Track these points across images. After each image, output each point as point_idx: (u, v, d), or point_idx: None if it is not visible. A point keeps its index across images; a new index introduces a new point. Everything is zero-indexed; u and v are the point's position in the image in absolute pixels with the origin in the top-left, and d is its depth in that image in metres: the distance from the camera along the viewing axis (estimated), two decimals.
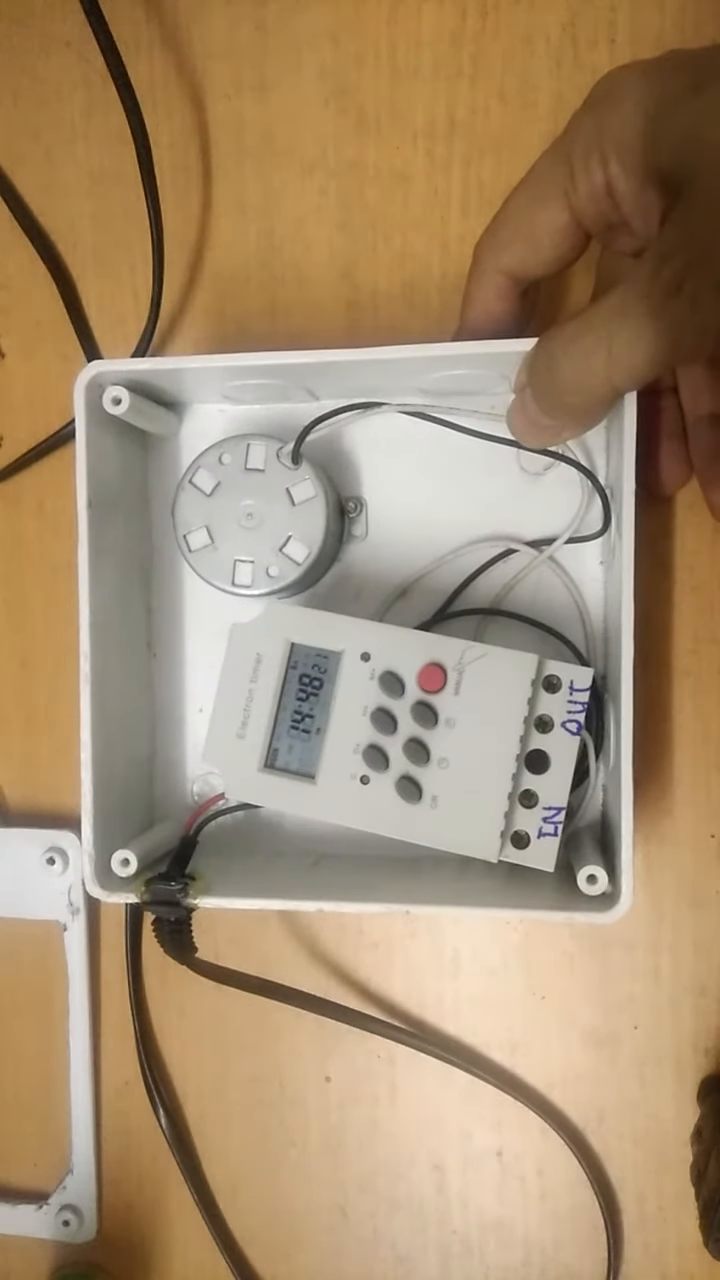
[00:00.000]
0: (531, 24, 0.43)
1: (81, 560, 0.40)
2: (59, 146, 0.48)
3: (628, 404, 0.37)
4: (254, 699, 0.40)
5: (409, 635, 0.39)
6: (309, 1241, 0.49)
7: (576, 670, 0.38)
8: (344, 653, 0.39)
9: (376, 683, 0.38)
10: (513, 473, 0.43)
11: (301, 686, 0.39)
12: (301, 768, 0.39)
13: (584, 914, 0.37)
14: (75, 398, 0.39)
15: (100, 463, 0.41)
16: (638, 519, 0.37)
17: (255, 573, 0.41)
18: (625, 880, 0.37)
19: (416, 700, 0.38)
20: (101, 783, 0.41)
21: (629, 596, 0.37)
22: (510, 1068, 0.46)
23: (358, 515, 0.44)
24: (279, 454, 0.41)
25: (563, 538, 0.42)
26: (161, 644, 0.46)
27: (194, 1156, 0.49)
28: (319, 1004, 0.43)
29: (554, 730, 0.38)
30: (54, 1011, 0.50)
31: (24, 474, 0.49)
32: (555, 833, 0.38)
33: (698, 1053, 0.44)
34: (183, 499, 0.42)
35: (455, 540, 0.43)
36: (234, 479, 0.41)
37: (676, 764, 0.44)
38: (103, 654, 0.41)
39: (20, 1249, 0.51)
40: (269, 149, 0.45)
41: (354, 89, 0.45)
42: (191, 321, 0.47)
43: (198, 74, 0.46)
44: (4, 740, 0.50)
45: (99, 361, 0.40)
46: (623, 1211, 0.45)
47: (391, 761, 0.38)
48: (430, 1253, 0.47)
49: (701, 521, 0.43)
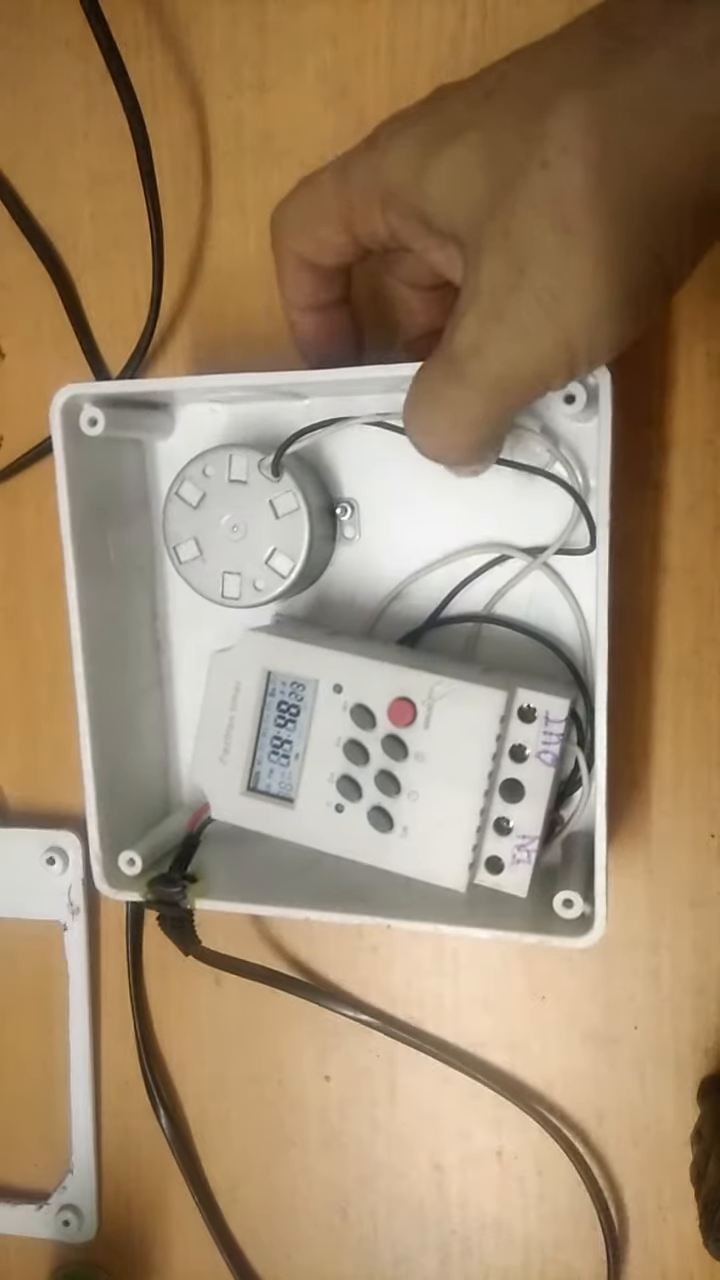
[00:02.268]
0: (531, 24, 0.43)
1: (69, 580, 0.40)
2: (59, 146, 0.48)
3: (602, 434, 0.36)
4: (234, 725, 0.40)
5: (379, 669, 0.39)
6: (309, 1241, 0.49)
7: (552, 701, 0.38)
8: (319, 682, 0.39)
9: (348, 715, 0.39)
10: (506, 473, 0.42)
11: (280, 713, 0.40)
12: (281, 791, 0.40)
13: (559, 938, 0.37)
14: (51, 420, 0.39)
15: (85, 480, 0.40)
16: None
17: (243, 585, 0.41)
18: (600, 906, 0.37)
19: (387, 733, 0.38)
20: (105, 785, 0.41)
21: (604, 630, 0.36)
22: (510, 1068, 0.46)
23: (349, 518, 0.44)
24: (260, 465, 0.40)
25: (552, 549, 0.41)
26: (170, 642, 0.46)
27: (194, 1156, 0.49)
28: (322, 994, 0.44)
29: (529, 761, 0.38)
30: (54, 1011, 0.50)
31: (24, 474, 0.49)
32: (529, 859, 0.38)
33: (698, 1053, 0.44)
34: (170, 511, 0.42)
35: (448, 543, 0.43)
36: (218, 491, 0.41)
37: (677, 764, 0.44)
38: (98, 665, 0.41)
39: (20, 1249, 0.51)
40: (269, 149, 0.45)
41: (354, 89, 0.45)
42: (192, 321, 0.47)
43: (198, 74, 0.46)
44: (4, 740, 0.50)
45: (72, 385, 0.39)
46: (623, 1211, 0.45)
47: (364, 792, 0.39)
48: (430, 1253, 0.47)
49: (702, 522, 0.43)
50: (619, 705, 0.43)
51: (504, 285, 0.29)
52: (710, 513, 0.43)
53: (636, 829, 0.44)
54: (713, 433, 0.43)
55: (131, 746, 0.44)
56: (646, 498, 0.43)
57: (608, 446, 0.36)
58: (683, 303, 0.43)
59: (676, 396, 0.43)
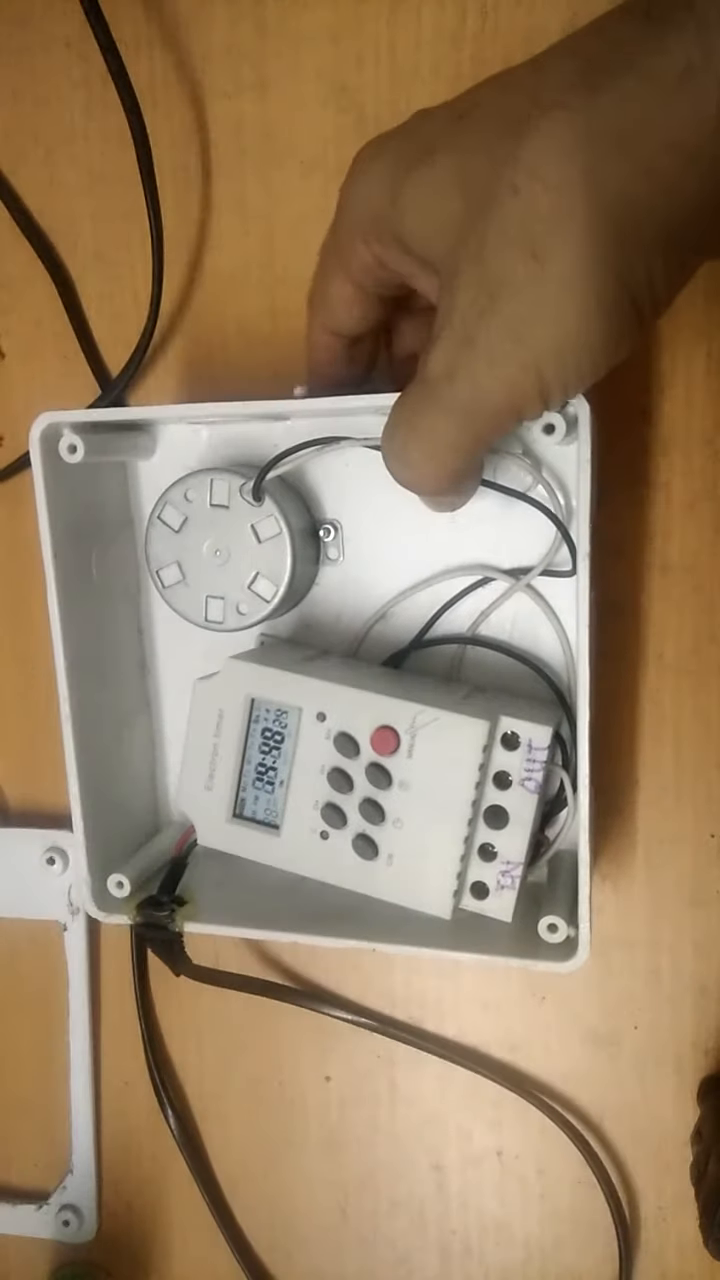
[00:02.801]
0: (531, 24, 0.43)
1: (52, 606, 0.40)
2: (59, 146, 0.48)
3: (581, 464, 0.36)
4: (218, 752, 0.40)
5: (361, 698, 0.38)
6: (309, 1241, 0.49)
7: (535, 729, 0.37)
8: (302, 709, 0.39)
9: (332, 743, 0.39)
10: (489, 495, 0.41)
11: (264, 740, 0.40)
12: (267, 818, 0.40)
13: (544, 962, 0.37)
14: (31, 448, 0.39)
15: (66, 504, 0.40)
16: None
17: (226, 610, 0.41)
18: (584, 931, 0.37)
19: (371, 761, 0.38)
20: (92, 808, 0.41)
21: (585, 657, 0.36)
22: (511, 1068, 0.46)
23: (332, 539, 0.43)
24: (241, 490, 0.40)
25: (534, 572, 0.41)
26: (156, 662, 0.46)
27: (202, 1155, 0.49)
28: (318, 1001, 0.44)
29: (513, 788, 0.38)
30: (54, 1011, 0.50)
31: (24, 474, 0.49)
32: (513, 885, 0.38)
33: (698, 1053, 0.44)
34: (152, 535, 0.42)
35: (432, 565, 0.42)
36: (200, 515, 0.41)
37: (677, 763, 0.44)
38: (84, 688, 0.41)
39: (20, 1249, 0.51)
40: (269, 149, 0.45)
41: (354, 89, 0.45)
42: (191, 321, 0.47)
43: (198, 74, 0.46)
44: (4, 740, 0.50)
45: (50, 413, 0.39)
46: (622, 1211, 0.45)
47: (349, 820, 0.39)
48: (430, 1253, 0.47)
49: (702, 521, 0.43)
50: (615, 706, 0.43)
51: (475, 311, 0.29)
52: (710, 512, 0.43)
53: (636, 828, 0.44)
54: (712, 433, 0.43)
55: (119, 768, 0.44)
56: (646, 497, 0.43)
57: (588, 475, 0.36)
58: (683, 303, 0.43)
59: (676, 396, 0.43)
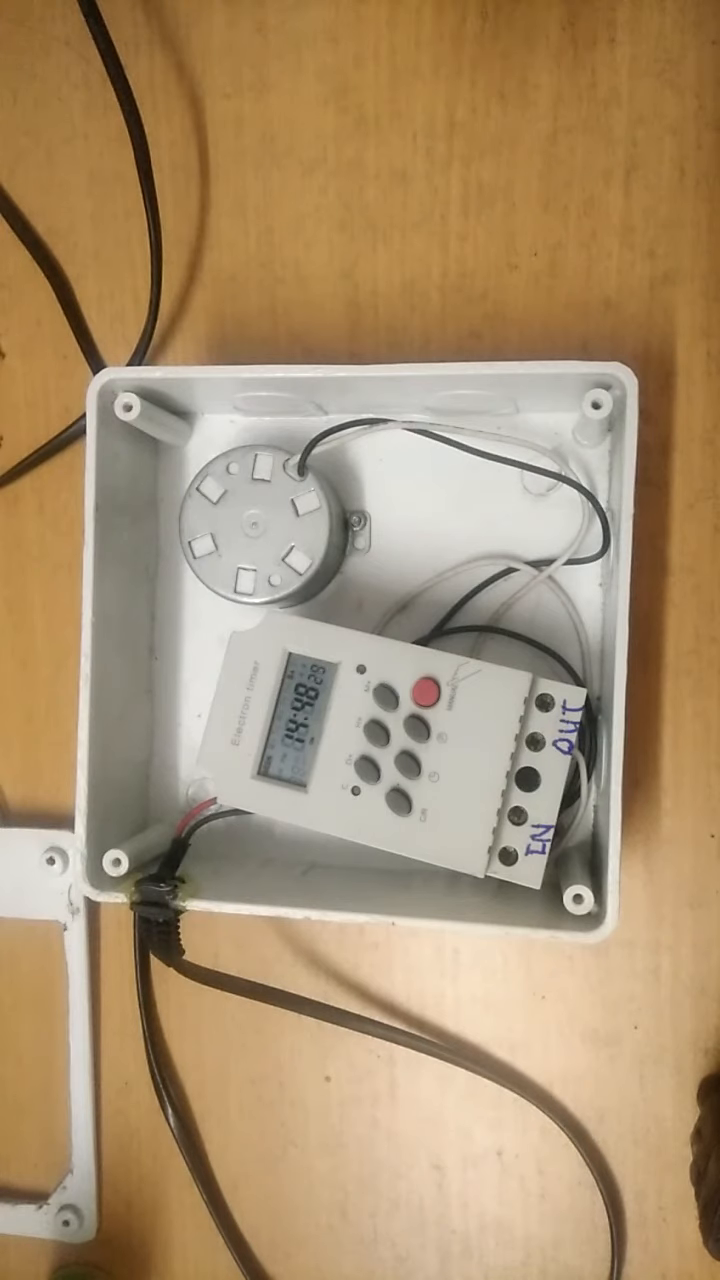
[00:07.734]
0: (531, 24, 0.43)
1: (87, 562, 0.40)
2: (59, 146, 0.48)
3: (629, 428, 0.37)
4: (250, 706, 0.40)
5: (405, 649, 0.39)
6: (309, 1241, 0.49)
7: (570, 690, 0.38)
8: (340, 664, 0.39)
9: (371, 695, 0.39)
10: (516, 492, 0.43)
11: (297, 696, 0.39)
12: (294, 776, 0.39)
13: (569, 933, 0.37)
14: (88, 403, 0.40)
15: (109, 468, 0.41)
16: (636, 541, 0.37)
17: (257, 581, 0.42)
18: (611, 901, 0.37)
19: (410, 714, 0.38)
20: (96, 782, 0.41)
21: (624, 621, 0.37)
22: (510, 1067, 0.46)
23: (361, 528, 0.44)
24: (285, 465, 0.41)
25: (561, 559, 0.42)
26: (163, 648, 0.46)
27: (201, 1155, 0.49)
28: (310, 1005, 0.43)
29: (545, 749, 0.38)
30: (54, 1011, 0.50)
31: (25, 474, 0.49)
32: (543, 850, 0.38)
33: (698, 1053, 0.44)
34: (189, 505, 0.42)
35: (456, 556, 0.43)
36: (240, 488, 0.42)
37: (676, 764, 0.44)
38: (103, 655, 0.41)
39: (20, 1249, 0.51)
40: (269, 149, 0.45)
41: (354, 89, 0.45)
42: (191, 321, 0.47)
43: (197, 74, 0.46)
44: (4, 740, 0.50)
45: (111, 369, 0.40)
46: (623, 1211, 0.45)
47: (383, 773, 0.38)
48: (430, 1252, 0.47)
49: (702, 521, 0.43)
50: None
51: None
52: (710, 512, 0.43)
53: (636, 828, 0.44)
54: (713, 432, 0.43)
55: (120, 749, 0.44)
56: (646, 497, 0.43)
57: (633, 443, 0.37)
58: (683, 302, 0.43)
59: (676, 396, 0.43)
